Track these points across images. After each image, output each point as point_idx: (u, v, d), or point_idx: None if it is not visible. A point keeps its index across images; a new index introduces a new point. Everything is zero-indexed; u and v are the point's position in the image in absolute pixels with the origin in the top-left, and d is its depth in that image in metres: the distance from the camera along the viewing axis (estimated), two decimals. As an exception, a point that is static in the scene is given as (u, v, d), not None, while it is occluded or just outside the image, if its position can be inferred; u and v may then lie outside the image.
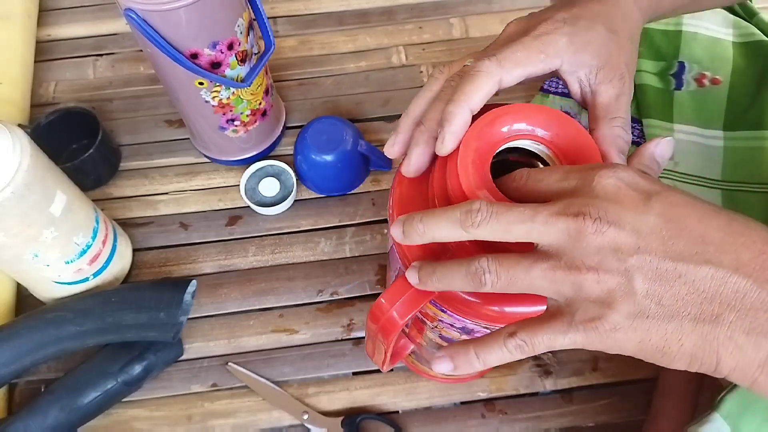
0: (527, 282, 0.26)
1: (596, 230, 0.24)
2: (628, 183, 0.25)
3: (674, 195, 0.25)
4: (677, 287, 0.23)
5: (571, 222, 0.24)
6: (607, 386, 0.62)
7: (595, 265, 0.24)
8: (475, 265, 0.27)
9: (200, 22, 0.53)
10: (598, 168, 0.26)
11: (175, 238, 0.70)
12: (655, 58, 0.55)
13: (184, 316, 0.59)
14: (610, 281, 0.24)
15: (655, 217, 0.24)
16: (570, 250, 0.25)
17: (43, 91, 0.81)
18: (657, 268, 0.23)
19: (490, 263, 0.27)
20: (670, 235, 0.23)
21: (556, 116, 0.32)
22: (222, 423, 0.60)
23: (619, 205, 0.24)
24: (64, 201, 0.54)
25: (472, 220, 0.26)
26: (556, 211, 0.25)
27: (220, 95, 0.62)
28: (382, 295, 0.34)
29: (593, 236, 0.24)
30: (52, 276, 0.58)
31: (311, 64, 0.83)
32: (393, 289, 0.34)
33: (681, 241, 0.23)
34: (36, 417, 0.55)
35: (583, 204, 0.24)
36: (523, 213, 0.25)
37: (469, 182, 0.30)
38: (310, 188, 0.73)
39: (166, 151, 0.76)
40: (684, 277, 0.23)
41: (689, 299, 0.23)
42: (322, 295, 0.67)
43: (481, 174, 0.31)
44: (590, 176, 0.25)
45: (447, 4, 0.89)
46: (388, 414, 0.61)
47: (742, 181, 0.52)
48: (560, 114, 0.32)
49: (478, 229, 0.26)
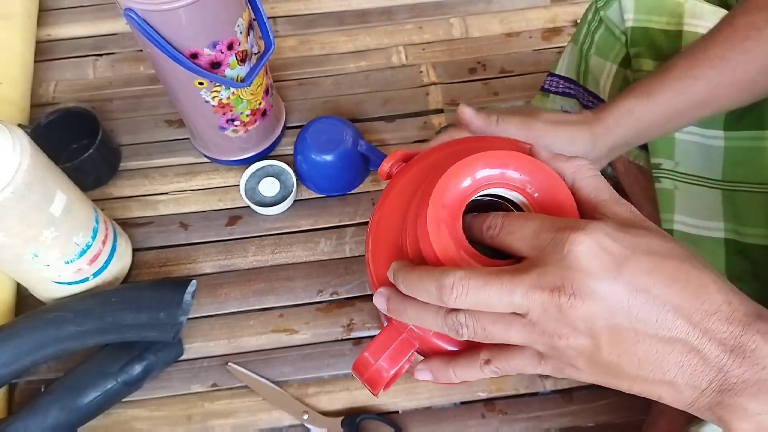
0: (504, 338, 0.28)
1: (571, 305, 0.25)
2: (600, 247, 0.26)
3: (643, 261, 0.26)
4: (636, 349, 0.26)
5: (547, 297, 0.26)
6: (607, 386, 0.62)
7: (567, 333, 0.26)
8: (452, 318, 0.28)
9: (200, 22, 0.53)
10: (569, 231, 0.26)
11: (175, 238, 0.70)
12: (656, 58, 0.55)
13: (184, 316, 0.59)
14: (580, 342, 0.26)
15: (624, 287, 0.25)
16: (545, 320, 0.26)
17: (43, 91, 0.81)
18: (620, 332, 0.26)
19: (468, 319, 0.28)
20: (636, 304, 0.25)
21: (527, 162, 0.31)
22: (222, 423, 0.60)
23: (590, 277, 0.25)
24: (64, 201, 0.54)
25: (448, 296, 0.27)
26: (532, 285, 0.26)
27: (220, 95, 0.62)
28: (366, 348, 0.34)
29: (568, 311, 0.25)
30: (52, 276, 0.58)
31: (311, 64, 0.83)
32: (377, 344, 0.33)
33: (644, 311, 0.25)
34: (36, 417, 0.55)
35: (556, 278, 0.26)
36: (501, 289, 0.26)
37: (442, 246, 0.29)
38: (310, 188, 0.73)
39: (166, 151, 0.76)
40: (642, 342, 0.26)
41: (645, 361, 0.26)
42: (322, 295, 0.67)
43: (454, 234, 0.29)
44: (561, 240, 0.26)
45: (447, 4, 0.88)
46: (388, 414, 0.61)
47: (742, 181, 0.52)
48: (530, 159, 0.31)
49: (456, 303, 0.27)
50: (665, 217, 0.52)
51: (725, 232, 0.51)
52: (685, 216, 0.52)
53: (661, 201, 0.53)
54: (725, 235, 0.51)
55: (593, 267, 0.25)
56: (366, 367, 0.33)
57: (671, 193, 0.53)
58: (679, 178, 0.54)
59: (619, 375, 0.27)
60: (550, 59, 0.83)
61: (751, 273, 0.49)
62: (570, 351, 0.27)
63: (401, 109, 0.79)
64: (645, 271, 0.26)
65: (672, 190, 0.53)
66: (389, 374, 0.33)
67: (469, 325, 0.28)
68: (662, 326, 0.25)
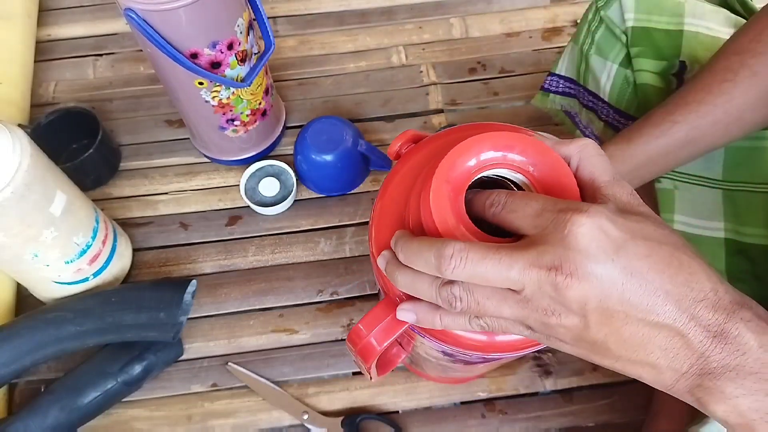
0: (496, 312, 0.28)
1: (567, 285, 0.26)
2: (600, 229, 0.26)
3: (640, 245, 0.26)
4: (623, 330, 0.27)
5: (544, 275, 0.26)
6: (607, 386, 0.62)
7: (559, 311, 0.27)
8: (447, 291, 0.29)
9: (200, 22, 0.53)
10: (572, 212, 0.26)
11: (175, 238, 0.70)
12: (657, 58, 0.55)
13: (184, 316, 0.59)
14: (571, 320, 0.27)
15: (620, 271, 0.26)
16: (540, 297, 0.27)
17: (43, 91, 0.81)
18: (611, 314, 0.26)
19: (462, 291, 0.28)
20: (629, 288, 0.26)
21: (532, 144, 0.31)
22: (222, 423, 0.60)
23: (588, 258, 0.26)
24: (64, 201, 0.54)
25: (446, 266, 0.27)
26: (530, 262, 0.26)
27: (220, 95, 0.62)
28: (361, 320, 0.34)
29: (564, 290, 0.26)
30: (52, 276, 0.58)
31: (311, 64, 0.83)
32: (371, 315, 0.34)
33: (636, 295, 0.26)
34: (36, 417, 0.55)
35: (555, 257, 0.26)
36: (499, 264, 0.27)
37: (442, 218, 0.29)
38: (310, 188, 0.73)
39: (166, 151, 0.76)
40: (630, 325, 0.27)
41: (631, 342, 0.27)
42: (322, 295, 0.67)
43: (455, 208, 0.30)
44: (563, 221, 0.26)
45: (447, 4, 0.88)
46: (388, 414, 0.61)
47: (742, 181, 0.52)
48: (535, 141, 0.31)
49: (453, 274, 0.27)
50: (665, 217, 0.52)
51: (725, 232, 0.51)
52: (685, 216, 0.52)
53: (661, 201, 0.53)
54: (725, 235, 0.51)
55: (592, 248, 0.26)
56: (360, 338, 0.34)
57: (671, 193, 0.53)
58: (679, 177, 0.54)
59: (603, 353, 0.28)
60: (550, 59, 0.83)
61: (751, 273, 0.49)
62: (560, 329, 0.28)
63: (401, 109, 0.79)
64: (641, 256, 0.26)
65: (672, 190, 0.53)
66: (382, 347, 0.33)
67: (463, 298, 0.28)
68: (652, 311, 0.26)
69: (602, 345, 0.28)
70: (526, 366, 0.63)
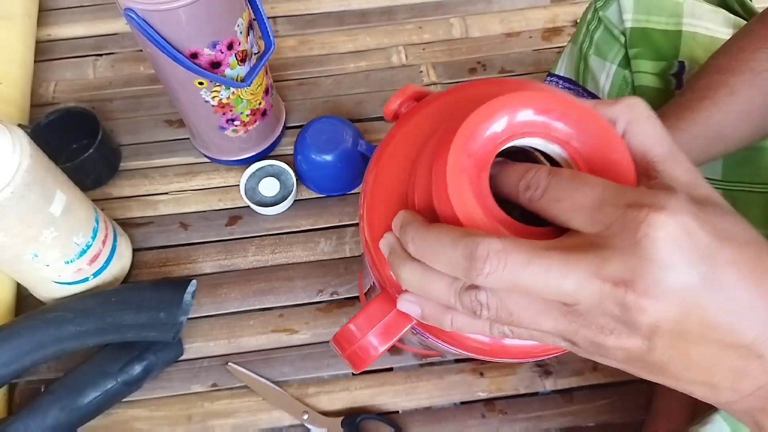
0: (533, 325, 0.23)
1: (638, 307, 0.20)
2: (685, 233, 0.20)
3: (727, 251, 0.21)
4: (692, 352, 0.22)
5: (609, 290, 0.20)
6: (607, 386, 0.62)
7: (620, 332, 0.21)
8: (470, 296, 0.22)
9: (200, 22, 0.53)
10: (647, 208, 0.20)
11: (175, 238, 0.70)
12: (655, 59, 0.55)
13: (184, 316, 0.59)
14: (633, 343, 0.22)
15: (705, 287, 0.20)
16: (597, 315, 0.21)
17: (43, 91, 0.81)
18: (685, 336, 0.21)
19: (491, 299, 0.22)
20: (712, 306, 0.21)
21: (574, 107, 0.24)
22: (222, 423, 0.60)
23: (670, 273, 0.20)
24: (64, 201, 0.54)
25: (479, 271, 0.21)
26: (591, 272, 0.20)
27: (220, 95, 0.62)
28: (353, 318, 0.28)
29: (634, 312, 0.20)
30: (52, 276, 0.58)
31: (311, 64, 0.83)
32: (366, 314, 0.28)
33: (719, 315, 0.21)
34: (36, 417, 0.55)
35: (624, 268, 0.20)
36: (549, 271, 0.20)
37: (464, 206, 0.23)
38: (310, 188, 0.73)
39: (166, 151, 0.76)
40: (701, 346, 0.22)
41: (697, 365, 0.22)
42: (322, 295, 0.67)
43: (479, 190, 0.23)
44: (636, 220, 0.20)
45: (447, 4, 0.88)
46: (388, 414, 0.61)
47: (742, 181, 0.52)
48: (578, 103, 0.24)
49: (487, 281, 0.21)
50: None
51: None
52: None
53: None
54: None
55: (675, 260, 0.20)
56: (350, 341, 0.28)
57: (671, 193, 0.53)
58: (679, 178, 0.54)
59: (659, 372, 0.23)
60: (550, 59, 0.83)
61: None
62: (618, 351, 0.22)
63: (401, 109, 0.79)
64: (727, 262, 0.21)
65: (672, 190, 0.53)
66: (378, 352, 0.28)
67: (491, 306, 0.22)
68: (732, 332, 0.21)
69: (661, 366, 0.22)
70: (526, 366, 0.63)
